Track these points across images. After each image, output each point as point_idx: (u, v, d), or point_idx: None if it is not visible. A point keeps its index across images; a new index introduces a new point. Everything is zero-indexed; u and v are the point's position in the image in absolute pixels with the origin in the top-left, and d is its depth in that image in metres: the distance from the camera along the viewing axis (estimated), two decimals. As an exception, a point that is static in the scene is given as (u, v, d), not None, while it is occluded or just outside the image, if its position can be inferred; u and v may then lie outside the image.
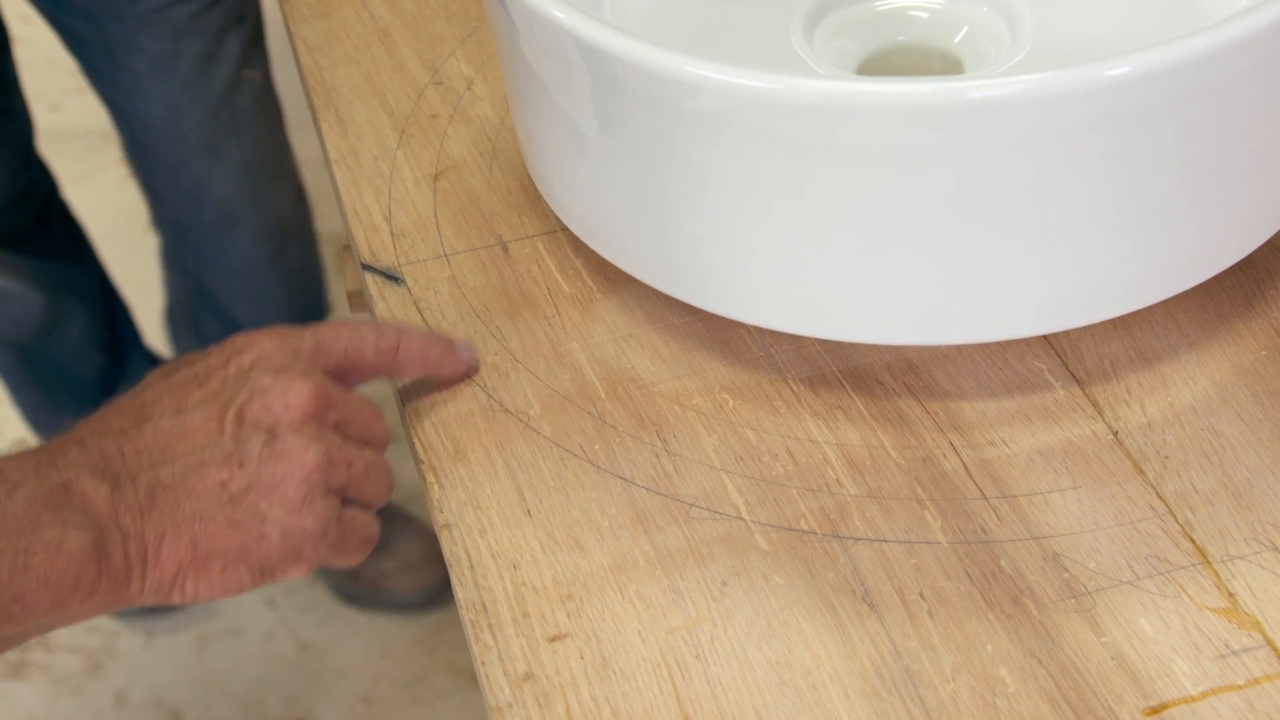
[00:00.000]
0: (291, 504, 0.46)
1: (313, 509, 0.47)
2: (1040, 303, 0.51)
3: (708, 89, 0.48)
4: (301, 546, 0.47)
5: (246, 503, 0.46)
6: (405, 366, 0.53)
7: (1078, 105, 0.46)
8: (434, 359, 0.54)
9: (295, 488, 0.46)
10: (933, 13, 0.62)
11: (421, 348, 0.53)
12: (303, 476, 0.46)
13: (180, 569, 0.46)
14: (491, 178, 0.64)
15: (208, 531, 0.46)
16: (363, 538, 0.50)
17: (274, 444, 0.46)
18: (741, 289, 0.54)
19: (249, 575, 0.47)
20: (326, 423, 0.48)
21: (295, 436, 0.46)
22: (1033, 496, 0.51)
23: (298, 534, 0.47)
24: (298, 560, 0.47)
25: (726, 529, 0.51)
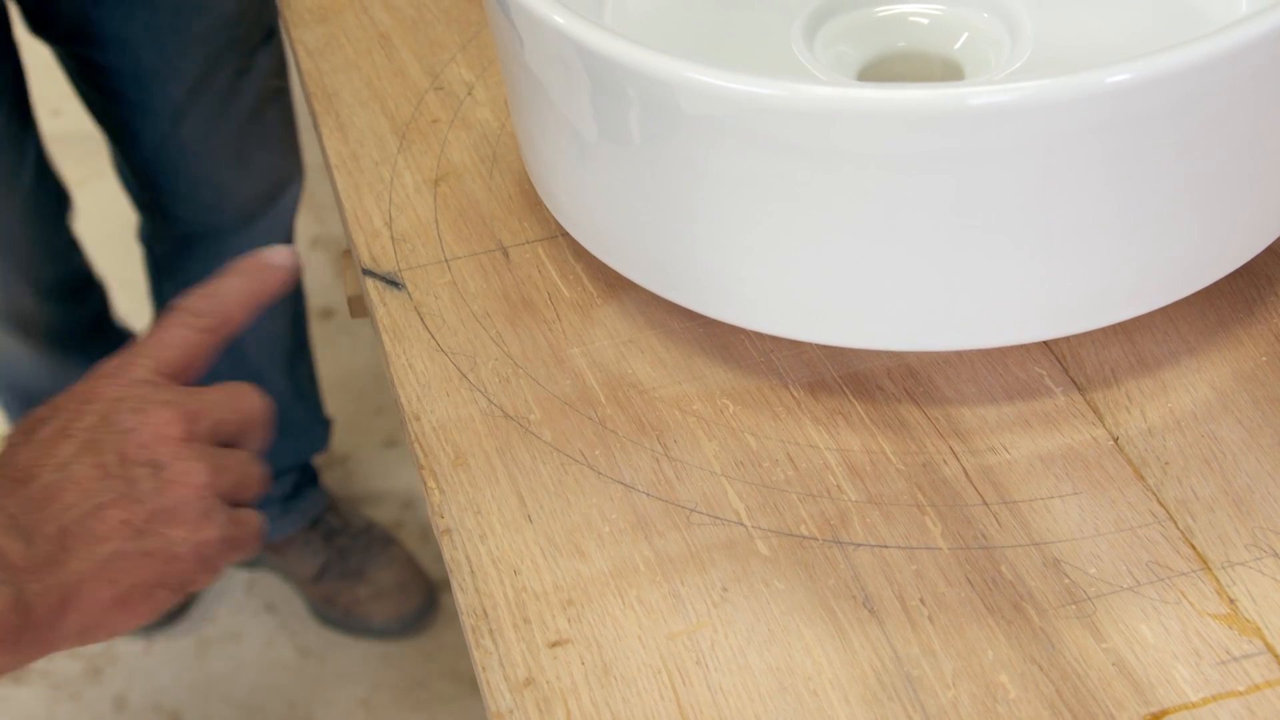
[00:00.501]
0: (193, 523, 0.49)
1: (213, 521, 0.49)
2: (1041, 308, 0.51)
3: (708, 94, 0.48)
4: (210, 557, 0.50)
5: (152, 532, 0.48)
6: (238, 321, 0.54)
7: (1078, 111, 0.46)
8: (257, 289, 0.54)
9: (193, 507, 0.49)
10: (933, 19, 0.62)
11: (238, 291, 0.53)
12: (197, 496, 0.49)
13: (103, 608, 0.48)
14: (492, 183, 0.65)
15: (124, 567, 0.47)
16: (254, 532, 0.52)
17: (162, 474, 0.48)
18: (742, 294, 0.54)
19: (168, 595, 0.49)
20: (200, 437, 0.50)
21: (179, 462, 0.49)
22: (1033, 502, 0.51)
23: (205, 547, 0.49)
24: (210, 570, 0.50)
25: (727, 534, 0.51)
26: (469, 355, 0.57)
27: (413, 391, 0.56)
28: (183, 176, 1.12)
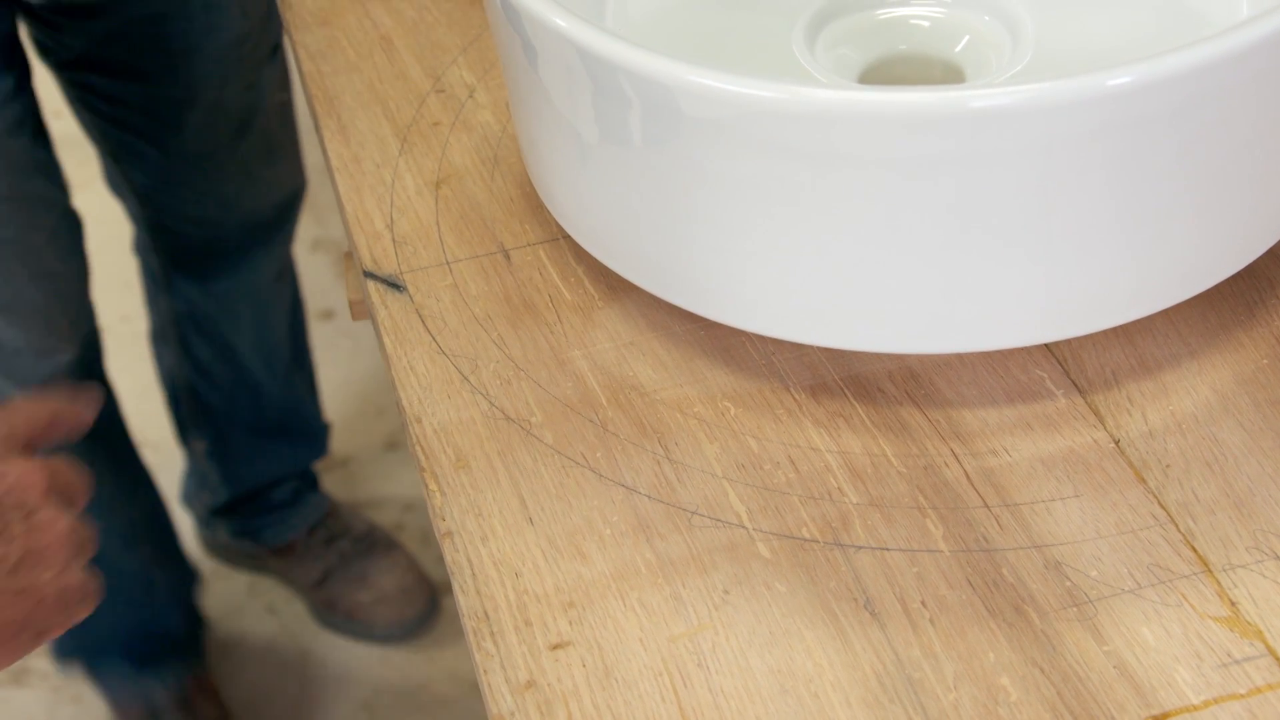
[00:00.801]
0: (59, 566, 0.51)
1: (76, 566, 0.52)
2: (1042, 311, 0.51)
3: (709, 97, 0.48)
4: (71, 603, 0.52)
5: (23, 573, 0.50)
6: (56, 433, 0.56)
7: (1079, 115, 0.46)
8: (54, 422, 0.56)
9: (59, 552, 0.51)
10: (934, 21, 0.62)
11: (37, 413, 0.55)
12: (62, 542, 0.51)
13: None
14: (493, 185, 0.65)
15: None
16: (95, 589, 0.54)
17: (33, 518, 0.51)
18: (743, 297, 0.54)
19: (29, 641, 0.51)
20: (58, 489, 0.53)
21: (48, 508, 0.52)
22: (1034, 505, 0.51)
23: (68, 592, 0.51)
24: (68, 618, 0.52)
25: (728, 537, 0.51)
26: (470, 358, 0.57)
27: (414, 394, 0.56)
28: (186, 193, 1.11)
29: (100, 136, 1.08)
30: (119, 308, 1.64)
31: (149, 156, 1.08)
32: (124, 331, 1.62)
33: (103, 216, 1.49)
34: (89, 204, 1.38)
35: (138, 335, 1.52)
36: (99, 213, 1.48)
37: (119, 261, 1.54)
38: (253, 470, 1.32)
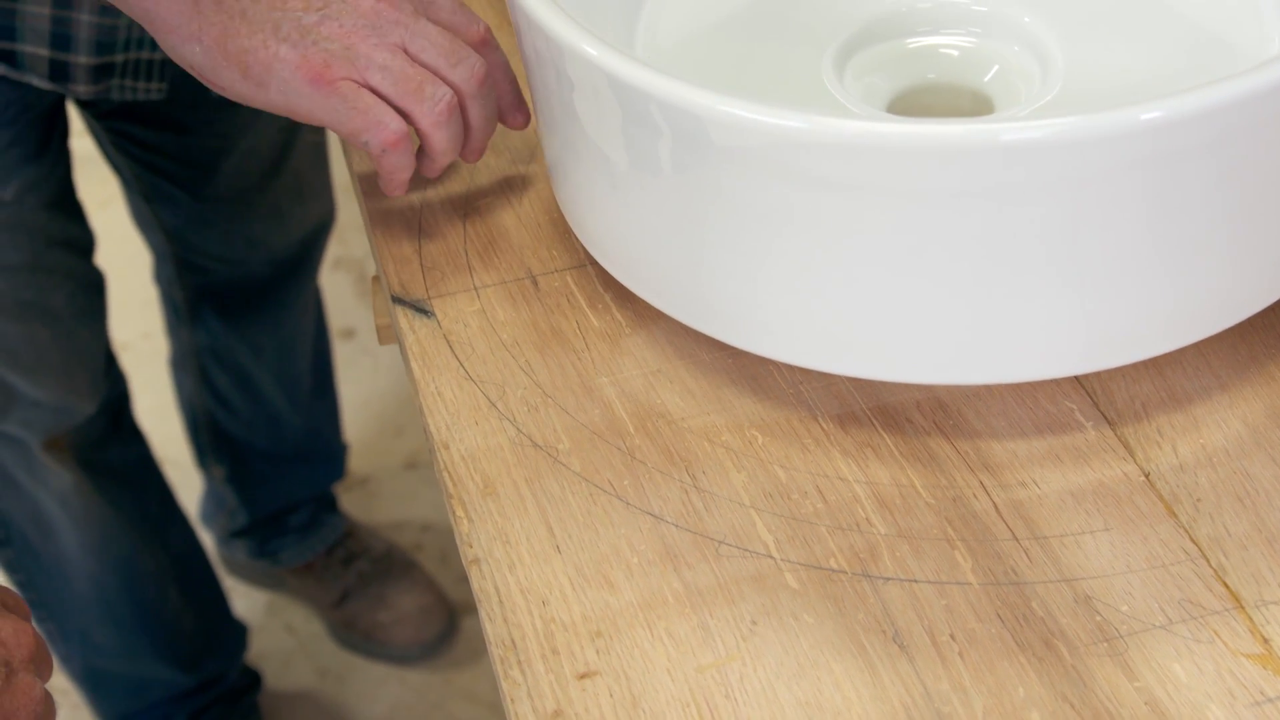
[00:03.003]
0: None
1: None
2: (1072, 344, 0.51)
3: (739, 127, 0.48)
4: None
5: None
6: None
7: (1112, 149, 0.46)
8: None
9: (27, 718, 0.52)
10: (963, 51, 0.62)
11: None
12: (32, 709, 0.53)
13: None
14: (521, 210, 0.65)
15: None
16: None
17: (13, 679, 0.52)
18: (771, 326, 0.54)
19: None
20: (40, 657, 0.55)
21: (25, 673, 0.53)
22: (1064, 538, 0.50)
23: None
24: None
25: (756, 567, 0.51)
26: (498, 384, 0.57)
27: (441, 420, 0.56)
28: (215, 234, 1.11)
29: (132, 178, 1.08)
30: (140, 325, 1.64)
31: (180, 199, 1.08)
32: (145, 349, 1.62)
33: (125, 234, 1.49)
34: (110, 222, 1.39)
35: (158, 352, 1.53)
36: (122, 231, 1.49)
37: (141, 279, 1.55)
38: (271, 495, 1.32)
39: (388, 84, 0.59)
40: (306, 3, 0.59)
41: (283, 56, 0.58)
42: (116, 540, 1.11)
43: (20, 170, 0.90)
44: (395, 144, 0.59)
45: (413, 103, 0.59)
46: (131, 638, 1.16)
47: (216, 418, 1.26)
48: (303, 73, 0.58)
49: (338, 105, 0.59)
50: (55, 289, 0.97)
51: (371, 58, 0.59)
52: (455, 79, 0.60)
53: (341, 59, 0.59)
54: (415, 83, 0.59)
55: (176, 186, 1.07)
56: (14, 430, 1.02)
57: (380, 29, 0.59)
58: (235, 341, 1.20)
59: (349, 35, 0.59)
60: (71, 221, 0.98)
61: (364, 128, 0.59)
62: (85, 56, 0.85)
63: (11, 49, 0.84)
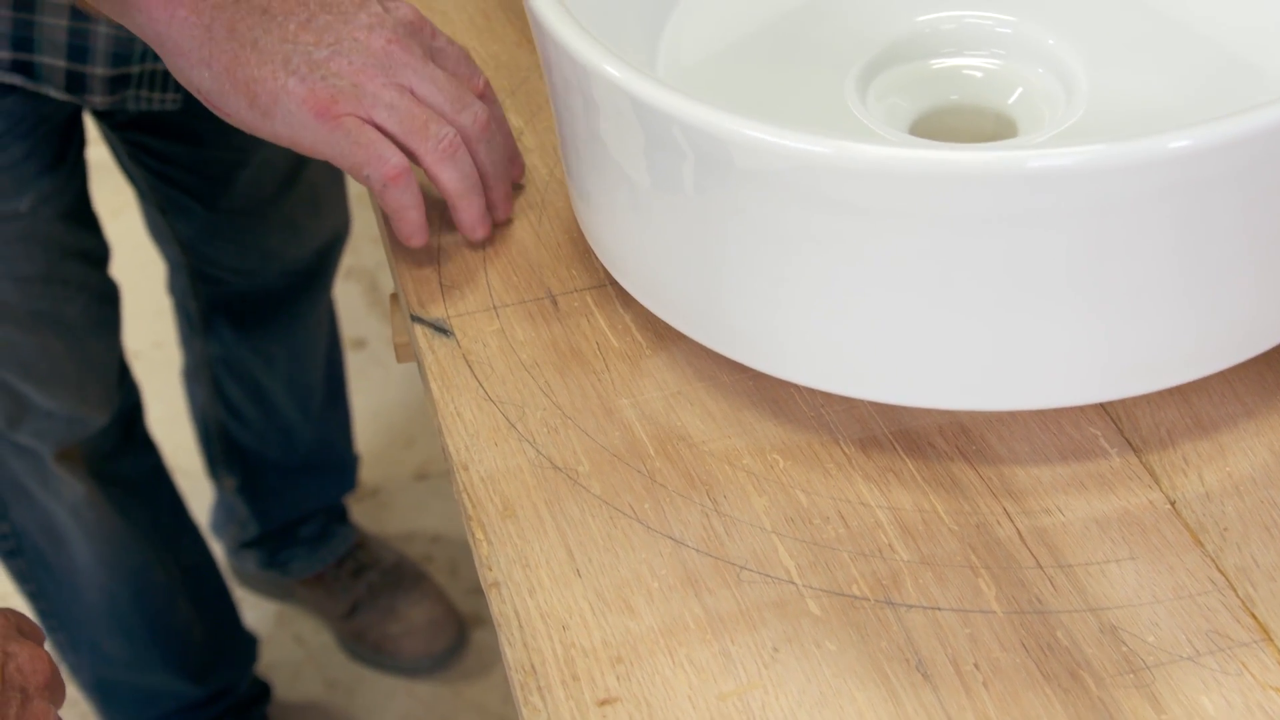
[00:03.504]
0: None
1: None
2: (1097, 371, 0.51)
3: (762, 150, 0.48)
4: None
5: None
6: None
7: (1139, 177, 0.45)
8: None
9: None
10: (987, 73, 0.61)
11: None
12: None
13: None
14: (540, 230, 0.64)
15: None
16: None
17: (29, 705, 0.53)
18: (792, 349, 0.53)
19: None
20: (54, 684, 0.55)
21: (39, 699, 0.54)
22: (1089, 566, 0.50)
23: None
24: None
25: (778, 593, 0.50)
26: (517, 405, 0.57)
27: (461, 440, 0.56)
28: (230, 246, 1.11)
29: (147, 190, 1.08)
30: (151, 333, 1.64)
31: (195, 211, 1.08)
32: (156, 357, 1.62)
33: (137, 243, 1.49)
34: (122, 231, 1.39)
35: (170, 361, 1.53)
36: (134, 240, 1.48)
37: (153, 288, 1.55)
38: (283, 506, 1.32)
39: (393, 122, 0.59)
40: (318, 37, 0.59)
41: (290, 89, 0.58)
42: (128, 551, 1.11)
43: (36, 182, 0.90)
44: (395, 179, 0.59)
45: (417, 140, 0.60)
46: (141, 649, 1.16)
47: (229, 428, 1.26)
48: (308, 106, 0.58)
49: (340, 139, 0.59)
50: (69, 300, 0.96)
51: (379, 96, 0.59)
52: (461, 121, 0.61)
53: (348, 95, 0.59)
54: (420, 121, 0.59)
55: (192, 198, 1.07)
56: (27, 441, 1.01)
57: (389, 69, 0.60)
58: (248, 353, 1.20)
59: (358, 73, 0.59)
60: (87, 232, 0.98)
61: (365, 162, 0.59)
62: (102, 68, 0.85)
63: (29, 60, 0.84)
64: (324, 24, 0.60)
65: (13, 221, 0.90)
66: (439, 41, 0.63)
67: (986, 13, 0.62)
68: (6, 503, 1.07)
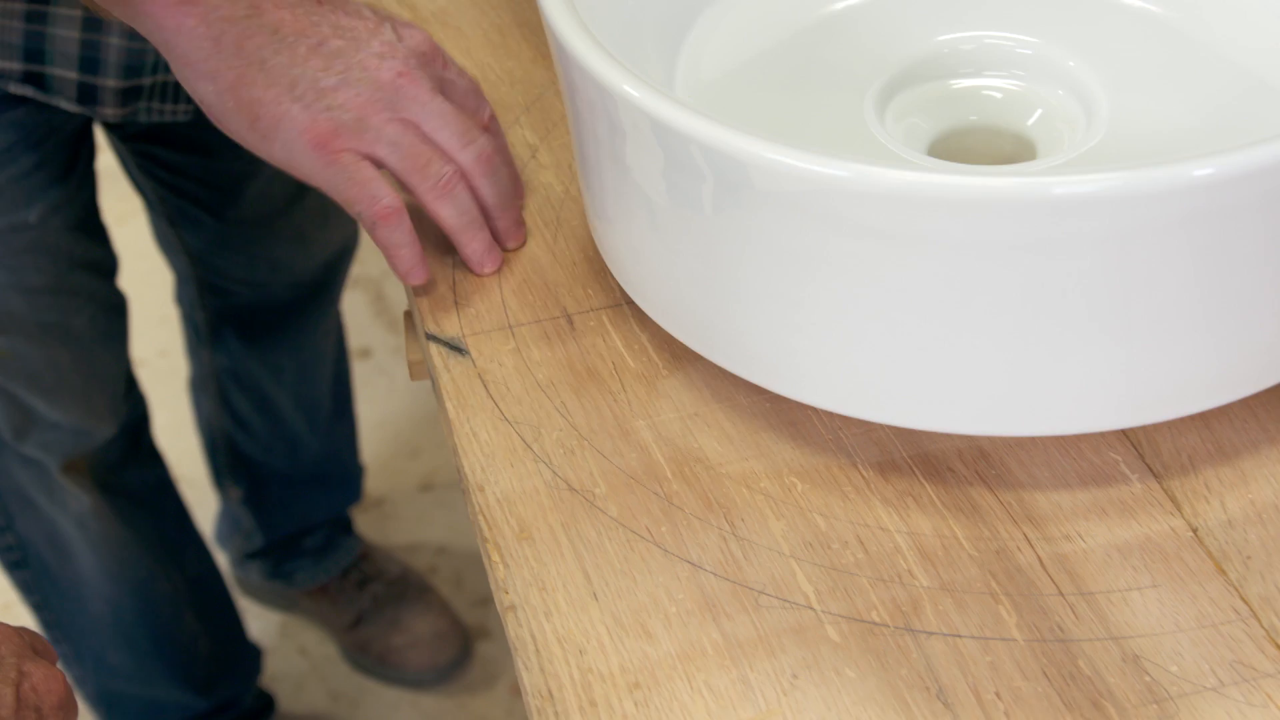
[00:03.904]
0: None
1: None
2: (1118, 398, 0.50)
3: (782, 173, 0.48)
4: None
5: None
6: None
7: (1162, 204, 0.45)
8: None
9: None
10: (1007, 94, 0.61)
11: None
12: None
13: None
14: (556, 248, 0.64)
15: None
16: None
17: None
18: (810, 372, 0.53)
19: None
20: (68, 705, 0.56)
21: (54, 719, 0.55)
22: (1110, 594, 0.50)
23: None
24: None
25: (796, 619, 0.50)
26: (533, 425, 0.57)
27: (476, 461, 0.56)
28: (239, 257, 1.11)
29: (156, 200, 1.08)
30: (156, 342, 1.64)
31: (204, 222, 1.08)
32: (161, 366, 1.62)
33: (142, 252, 1.49)
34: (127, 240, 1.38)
35: (175, 370, 1.52)
36: (138, 249, 1.48)
37: (158, 297, 1.55)
38: (288, 518, 1.31)
39: (395, 158, 0.59)
40: (327, 64, 0.59)
41: (293, 115, 0.58)
42: (133, 563, 1.11)
43: (46, 193, 0.89)
44: (385, 218, 0.59)
45: (417, 178, 0.59)
46: (146, 661, 1.16)
47: (235, 439, 1.25)
48: (308, 136, 0.58)
49: (336, 174, 0.59)
50: (78, 311, 0.96)
51: (382, 131, 0.59)
52: (464, 159, 0.60)
53: (351, 129, 0.58)
54: (422, 159, 0.59)
55: (201, 209, 1.07)
56: (33, 452, 1.01)
57: (395, 103, 0.59)
58: (255, 364, 1.20)
59: (364, 106, 0.59)
60: (95, 243, 0.97)
61: (357, 199, 0.59)
62: (114, 79, 0.85)
63: (41, 72, 0.84)
64: (335, 50, 0.59)
65: (22, 233, 0.89)
66: (450, 72, 0.62)
67: (1007, 33, 0.62)
68: (12, 514, 1.06)
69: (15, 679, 0.53)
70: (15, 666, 0.54)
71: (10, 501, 1.05)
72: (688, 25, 0.63)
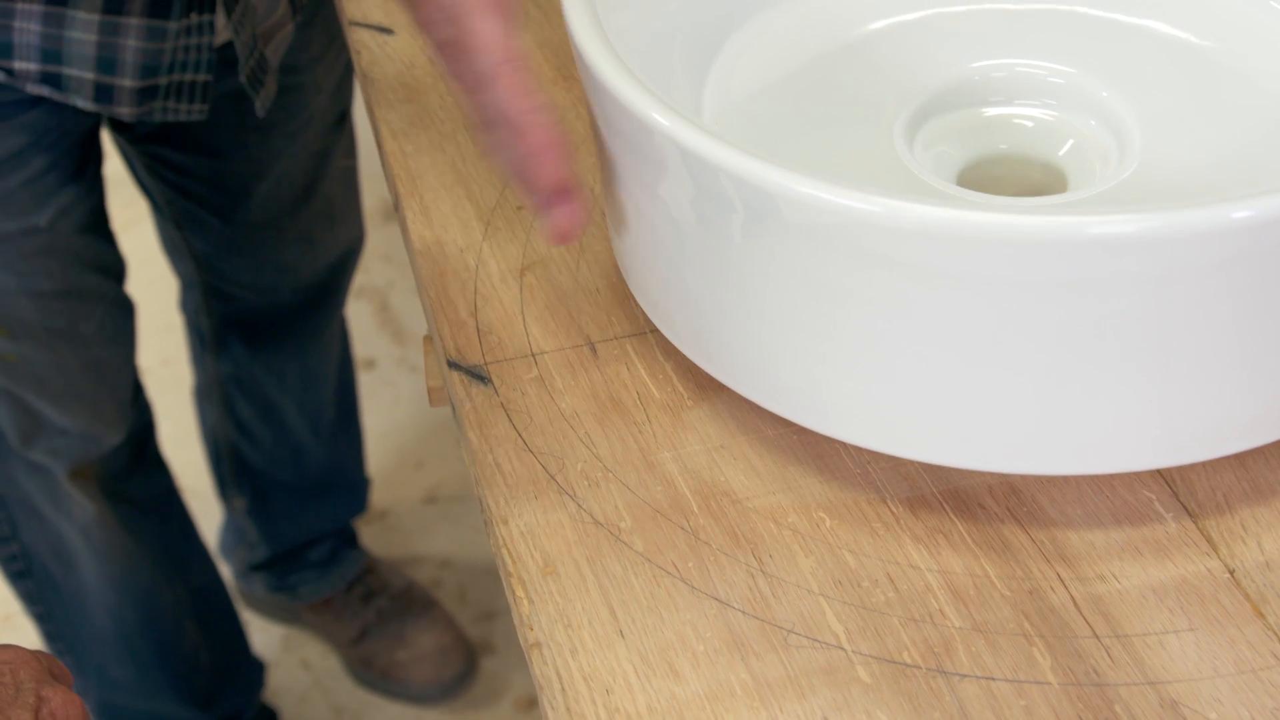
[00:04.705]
0: None
1: None
2: (1153, 438, 0.50)
3: (811, 206, 0.47)
4: None
5: None
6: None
7: (1201, 246, 0.44)
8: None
9: None
10: (1038, 123, 0.60)
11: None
12: None
13: None
14: (579, 274, 0.63)
15: None
16: None
17: None
18: (838, 406, 0.52)
19: None
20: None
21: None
22: (1146, 637, 0.49)
23: None
24: None
25: (826, 659, 0.49)
26: (557, 456, 0.56)
27: (500, 493, 0.55)
28: (246, 261, 1.10)
29: (164, 204, 1.07)
30: (160, 351, 1.63)
31: (211, 225, 1.07)
32: (165, 375, 1.61)
33: (146, 258, 1.48)
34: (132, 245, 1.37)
35: (179, 380, 1.51)
36: (143, 254, 1.47)
37: (162, 304, 1.54)
38: (292, 529, 1.30)
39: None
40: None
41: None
42: (137, 573, 1.10)
43: (56, 196, 0.89)
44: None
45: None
46: (149, 674, 1.15)
47: (239, 448, 1.25)
48: None
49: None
50: (87, 316, 0.95)
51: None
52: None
53: None
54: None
55: (209, 212, 1.06)
56: (40, 458, 1.00)
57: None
58: (260, 370, 1.19)
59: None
60: (104, 246, 0.97)
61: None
62: (130, 80, 0.85)
63: (57, 72, 0.83)
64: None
65: (32, 237, 0.89)
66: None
67: (1040, 62, 0.61)
68: (17, 523, 1.06)
69: (34, 704, 0.53)
70: (34, 692, 0.53)
71: (15, 510, 1.04)
72: (718, 45, 0.63)
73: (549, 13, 0.76)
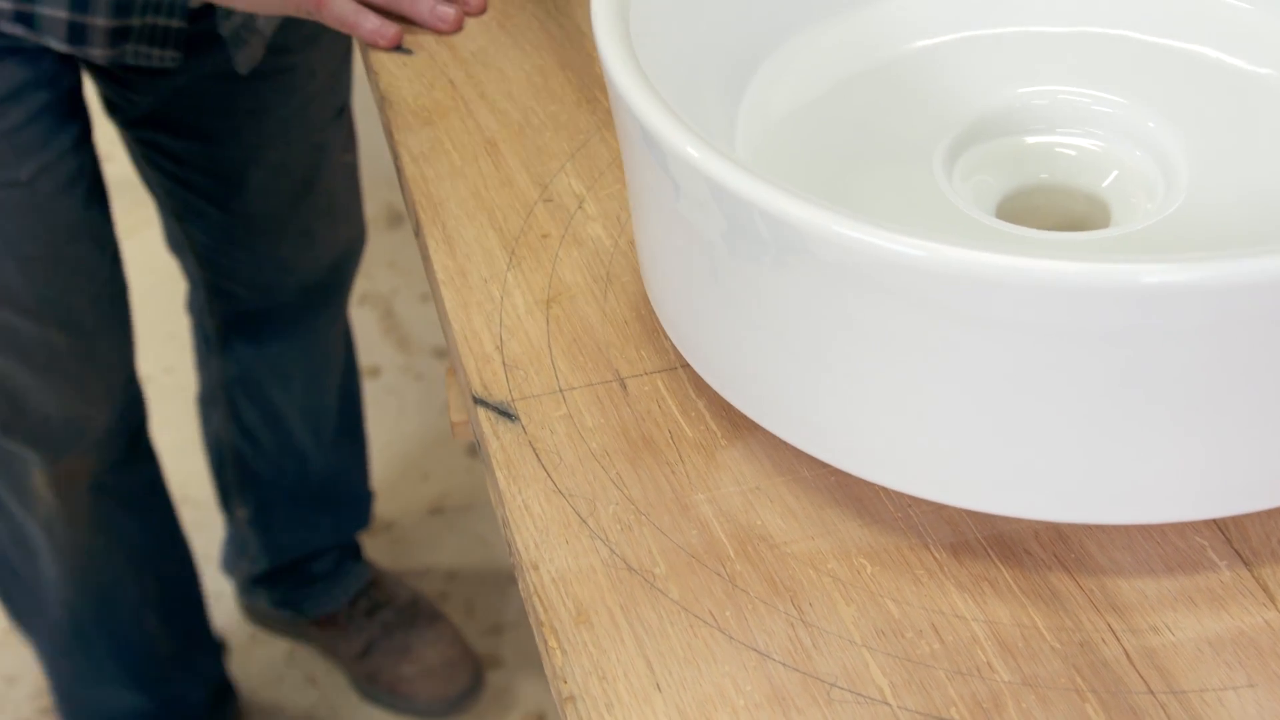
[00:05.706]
0: None
1: None
2: (1206, 488, 0.48)
3: (846, 246, 0.45)
4: None
5: None
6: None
7: (1255, 296, 0.43)
8: None
9: None
10: (1081, 152, 0.59)
11: None
12: None
13: None
14: (606, 306, 0.62)
15: None
16: None
17: None
18: (876, 449, 0.51)
19: None
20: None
21: None
22: (1204, 693, 0.47)
23: None
24: None
25: (871, 714, 0.47)
26: (588, 498, 0.54)
27: (530, 537, 0.53)
28: (246, 256, 1.09)
29: (164, 194, 1.07)
30: (162, 359, 1.61)
31: (211, 216, 1.06)
32: (167, 383, 1.59)
33: (151, 264, 1.46)
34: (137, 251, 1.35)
35: (181, 388, 1.50)
36: (147, 260, 1.46)
37: (165, 311, 1.52)
38: (294, 540, 1.29)
39: None
40: None
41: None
42: (98, 571, 1.11)
43: (37, 152, 0.88)
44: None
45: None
46: (101, 664, 1.17)
47: (242, 454, 1.23)
48: None
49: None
50: (79, 291, 0.94)
51: None
52: None
53: None
54: None
55: (206, 201, 1.05)
56: (16, 448, 1.00)
57: None
58: (264, 371, 1.18)
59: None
60: (94, 214, 0.95)
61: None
62: (103, 18, 0.85)
63: (30, 11, 0.83)
64: None
65: (11, 189, 0.88)
66: None
67: (1084, 89, 0.59)
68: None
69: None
70: None
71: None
72: (754, 66, 0.61)
73: (571, 34, 0.74)
